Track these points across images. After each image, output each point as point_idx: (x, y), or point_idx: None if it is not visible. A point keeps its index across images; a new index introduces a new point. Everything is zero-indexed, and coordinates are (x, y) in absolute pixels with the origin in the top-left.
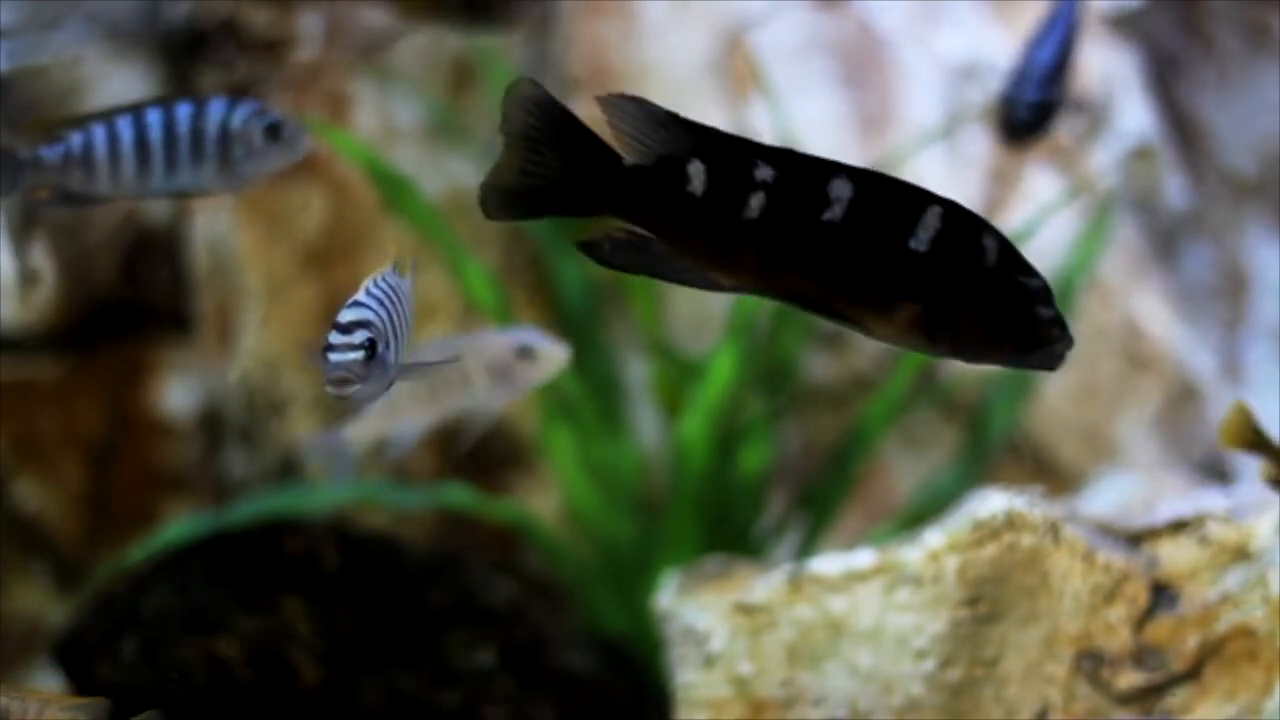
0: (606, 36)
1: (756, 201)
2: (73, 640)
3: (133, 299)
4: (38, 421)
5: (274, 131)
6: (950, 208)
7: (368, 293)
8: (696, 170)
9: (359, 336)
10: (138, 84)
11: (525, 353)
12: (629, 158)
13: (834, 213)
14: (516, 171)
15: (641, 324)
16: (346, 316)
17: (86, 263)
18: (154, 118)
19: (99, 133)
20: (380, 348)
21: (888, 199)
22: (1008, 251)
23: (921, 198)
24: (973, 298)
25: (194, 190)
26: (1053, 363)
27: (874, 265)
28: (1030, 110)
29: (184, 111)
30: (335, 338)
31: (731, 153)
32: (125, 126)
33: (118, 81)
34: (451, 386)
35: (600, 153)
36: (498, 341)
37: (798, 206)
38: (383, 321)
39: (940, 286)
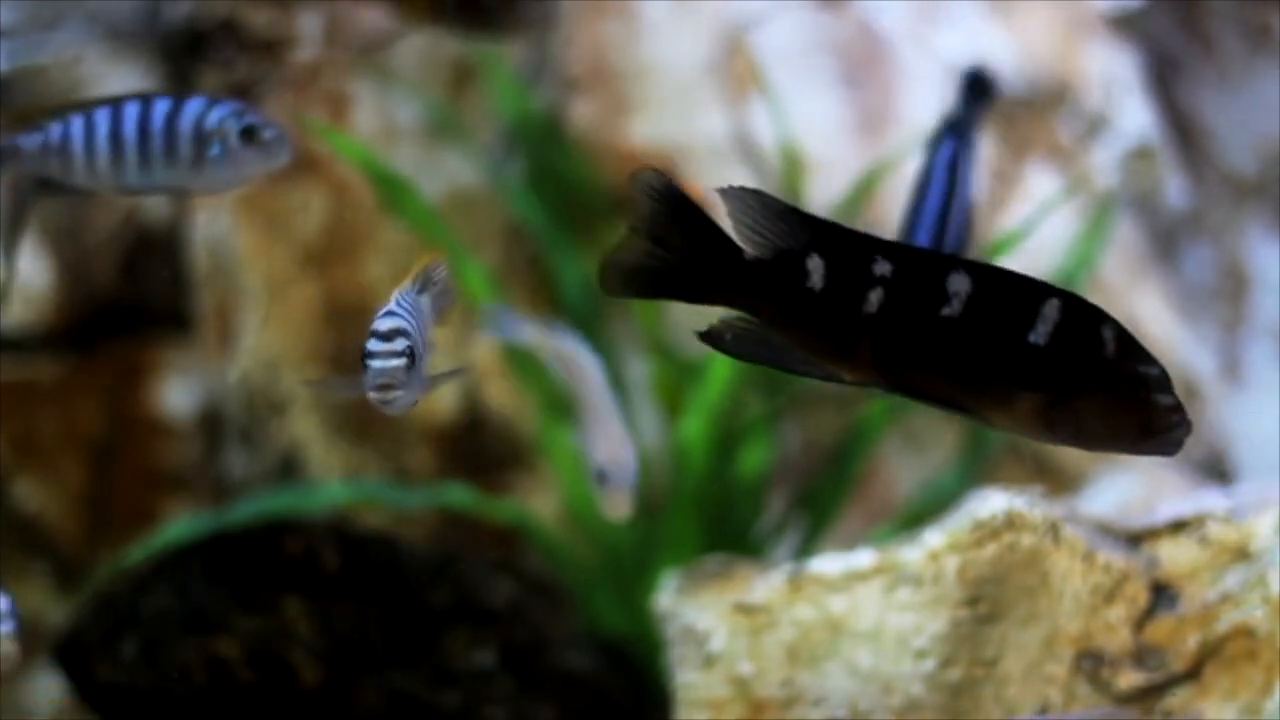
0: (606, 36)
1: (875, 297)
2: (73, 640)
3: (133, 299)
4: (38, 421)
5: (250, 134)
6: (1068, 299)
7: (398, 303)
8: (815, 265)
9: (400, 344)
10: (138, 84)
11: (601, 476)
12: (748, 250)
13: (953, 308)
14: (638, 256)
15: (641, 324)
16: (385, 325)
17: (86, 263)
18: (131, 112)
19: (76, 124)
20: (418, 356)
21: (1006, 293)
22: (1126, 341)
23: (1039, 290)
24: (1094, 388)
25: (172, 188)
26: (1172, 450)
27: (995, 359)
28: None
29: (161, 108)
30: (376, 345)
31: (849, 247)
32: (102, 119)
33: (118, 81)
34: (578, 381)
35: (721, 245)
36: (600, 434)
37: (917, 302)
38: (416, 331)
39: (1061, 378)
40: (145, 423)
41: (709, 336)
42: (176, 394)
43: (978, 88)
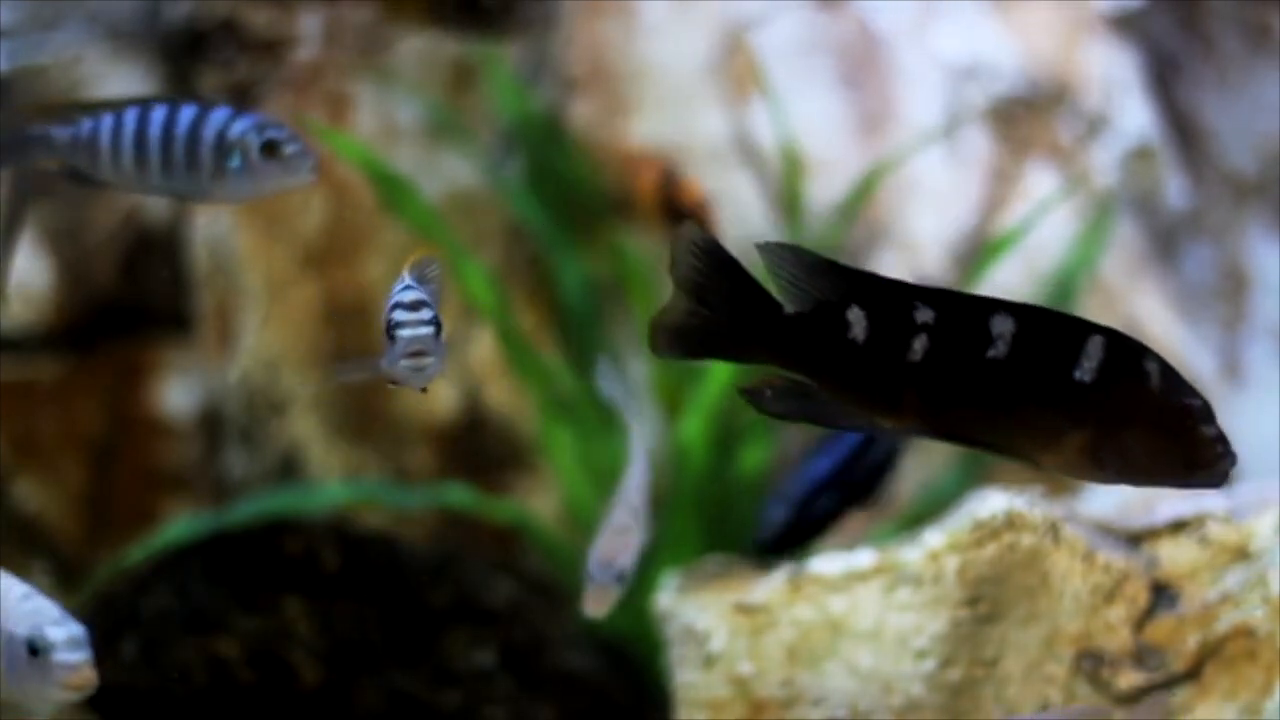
0: (606, 36)
1: (919, 344)
2: None
3: (133, 299)
4: (38, 421)
5: (271, 148)
6: (1111, 335)
7: (412, 279)
8: (856, 316)
9: (426, 314)
10: (138, 84)
11: (588, 572)
12: (788, 305)
13: (998, 350)
14: (681, 314)
15: (641, 324)
16: (409, 296)
17: (86, 263)
18: (157, 115)
19: (106, 121)
20: (442, 326)
21: (1049, 332)
22: (1169, 374)
23: (1082, 328)
24: (1140, 423)
25: (192, 194)
26: (1218, 482)
27: (1041, 399)
28: (776, 529)
29: (187, 114)
30: (404, 315)
31: (890, 297)
32: (130, 119)
33: (118, 81)
34: (625, 469)
35: (762, 301)
36: (609, 530)
37: (962, 346)
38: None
39: (1107, 415)
40: (145, 423)
41: (749, 394)
42: (176, 394)
43: None
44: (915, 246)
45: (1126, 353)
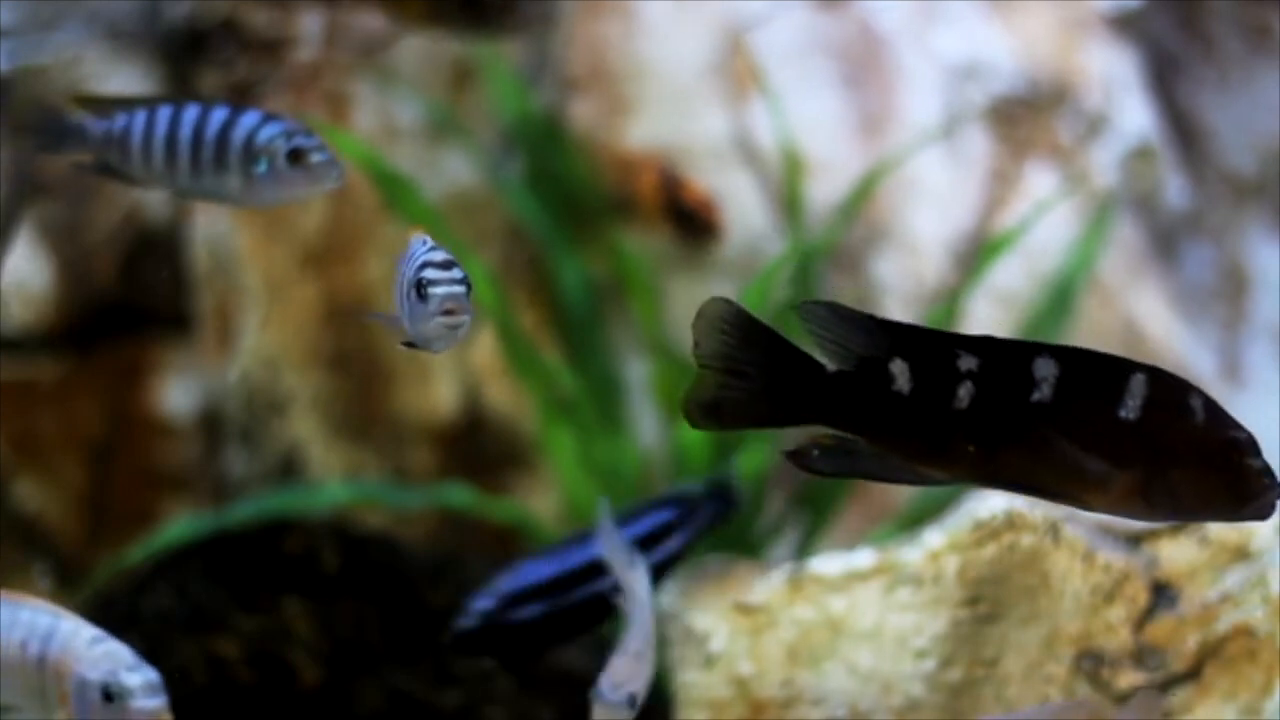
0: (606, 36)
1: (964, 392)
2: None
3: (133, 299)
4: (38, 421)
5: (297, 155)
6: (1153, 373)
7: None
8: (900, 369)
9: (458, 272)
10: (138, 84)
11: (597, 693)
12: (829, 364)
13: (1043, 393)
14: (715, 390)
15: (641, 324)
16: (439, 256)
17: (86, 263)
18: (189, 117)
19: (140, 119)
20: (472, 286)
21: (1092, 372)
22: (1213, 408)
23: (1124, 366)
24: (1187, 459)
25: (220, 197)
26: (1266, 513)
27: (1089, 439)
28: (477, 619)
29: (217, 117)
30: (436, 274)
31: (932, 347)
32: (162, 119)
33: (118, 81)
34: (629, 605)
35: (801, 363)
36: (621, 658)
37: (1007, 391)
38: None
39: (1155, 452)
40: (145, 423)
41: (795, 457)
42: (176, 394)
43: (724, 496)
44: (915, 246)
45: (1169, 389)
